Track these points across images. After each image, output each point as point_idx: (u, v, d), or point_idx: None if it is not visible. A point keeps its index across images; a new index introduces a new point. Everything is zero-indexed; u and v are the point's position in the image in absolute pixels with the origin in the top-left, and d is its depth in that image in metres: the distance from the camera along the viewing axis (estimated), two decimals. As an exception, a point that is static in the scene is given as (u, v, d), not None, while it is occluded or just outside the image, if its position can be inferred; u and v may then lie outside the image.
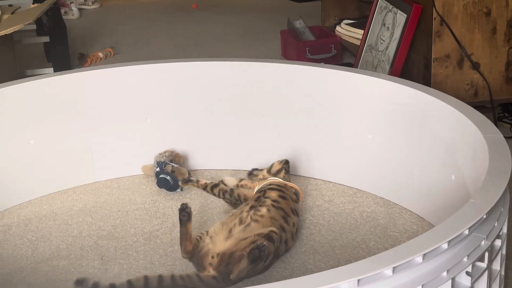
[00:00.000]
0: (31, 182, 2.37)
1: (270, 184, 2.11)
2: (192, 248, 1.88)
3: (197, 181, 2.28)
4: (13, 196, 2.34)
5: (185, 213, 1.88)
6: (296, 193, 2.13)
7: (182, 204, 1.90)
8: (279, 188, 2.08)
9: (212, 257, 1.83)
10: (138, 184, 2.46)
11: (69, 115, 2.40)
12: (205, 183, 2.26)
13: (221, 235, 1.88)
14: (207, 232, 1.92)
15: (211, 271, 1.81)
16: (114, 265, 1.99)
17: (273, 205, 1.99)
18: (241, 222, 1.91)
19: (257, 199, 2.03)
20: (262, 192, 2.07)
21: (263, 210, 1.95)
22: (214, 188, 2.22)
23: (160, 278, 1.77)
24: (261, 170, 2.25)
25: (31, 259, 2.04)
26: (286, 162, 2.24)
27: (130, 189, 2.43)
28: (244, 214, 1.94)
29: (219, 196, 2.22)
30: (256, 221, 1.91)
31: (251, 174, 2.26)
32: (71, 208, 2.32)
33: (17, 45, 3.51)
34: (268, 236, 1.82)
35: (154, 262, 2.00)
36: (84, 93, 2.40)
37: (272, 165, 2.25)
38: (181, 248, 1.91)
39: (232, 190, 2.18)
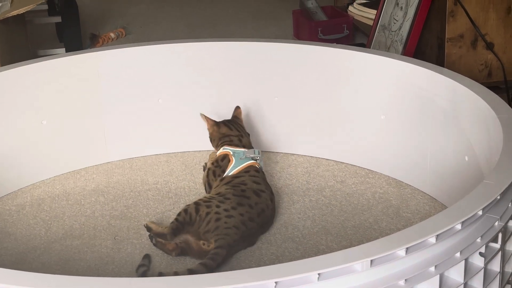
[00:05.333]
0: (44, 162, 2.38)
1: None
2: (175, 246, 1.89)
3: None
4: (26, 176, 2.35)
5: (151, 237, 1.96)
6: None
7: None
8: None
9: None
10: (150, 165, 2.47)
11: (81, 95, 2.40)
12: None
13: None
14: None
15: (211, 243, 1.84)
16: (127, 245, 2.00)
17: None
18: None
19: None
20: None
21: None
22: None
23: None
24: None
25: (44, 239, 2.05)
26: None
27: (142, 169, 2.44)
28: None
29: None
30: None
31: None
32: (84, 188, 2.33)
33: (29, 25, 3.51)
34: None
35: (167, 242, 2.01)
36: (96, 74, 2.40)
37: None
38: (166, 252, 1.92)
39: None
